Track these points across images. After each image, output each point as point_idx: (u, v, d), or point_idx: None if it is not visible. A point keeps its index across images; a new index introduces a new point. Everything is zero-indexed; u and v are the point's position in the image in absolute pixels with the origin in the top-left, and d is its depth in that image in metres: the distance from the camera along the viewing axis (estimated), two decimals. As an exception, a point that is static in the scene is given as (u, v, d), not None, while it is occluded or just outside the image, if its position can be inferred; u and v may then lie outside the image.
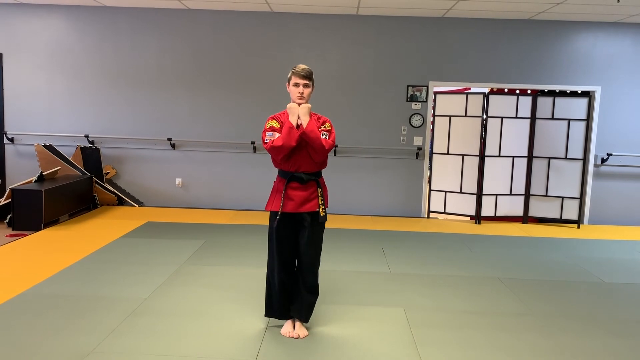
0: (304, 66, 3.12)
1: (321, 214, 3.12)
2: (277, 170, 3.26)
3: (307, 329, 3.27)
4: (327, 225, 3.33)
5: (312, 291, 3.24)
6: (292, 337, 3.17)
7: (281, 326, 3.30)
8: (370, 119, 6.97)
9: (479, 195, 6.79)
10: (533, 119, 6.75)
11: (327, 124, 3.18)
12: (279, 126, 3.10)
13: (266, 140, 3.07)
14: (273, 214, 3.17)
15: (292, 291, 3.26)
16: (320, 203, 3.12)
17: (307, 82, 3.10)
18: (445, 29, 6.82)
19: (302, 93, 3.10)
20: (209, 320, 3.39)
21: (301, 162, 3.11)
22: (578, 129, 6.65)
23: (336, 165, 6.97)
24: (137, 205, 7.11)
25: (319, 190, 3.14)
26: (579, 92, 6.84)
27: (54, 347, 2.95)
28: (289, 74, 3.14)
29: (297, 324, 3.24)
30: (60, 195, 6.06)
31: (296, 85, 3.11)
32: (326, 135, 3.12)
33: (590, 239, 6.10)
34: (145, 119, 7.02)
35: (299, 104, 3.11)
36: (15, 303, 3.59)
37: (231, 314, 3.52)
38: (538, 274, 4.68)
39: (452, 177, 6.95)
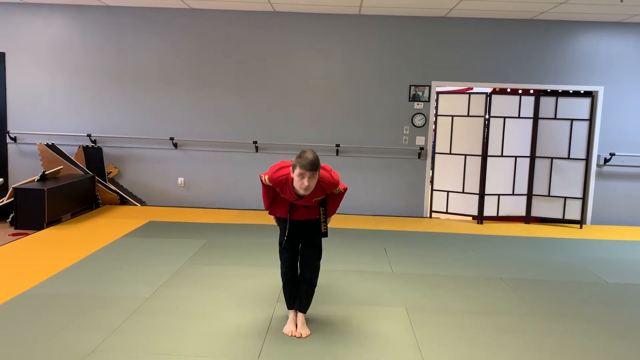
0: (311, 158, 2.83)
1: (322, 230, 3.23)
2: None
3: (307, 320, 3.32)
4: (330, 225, 3.39)
5: (310, 284, 3.30)
6: (295, 336, 3.17)
7: (284, 325, 3.30)
8: (372, 119, 6.97)
9: (482, 195, 6.78)
10: (536, 118, 6.74)
11: (338, 188, 3.14)
12: (271, 186, 3.13)
13: (262, 177, 3.14)
14: (279, 219, 3.31)
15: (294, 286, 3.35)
16: (322, 221, 3.21)
17: (313, 172, 2.86)
18: (448, 28, 6.81)
19: (308, 186, 2.87)
20: (211, 320, 3.39)
21: (300, 215, 3.22)
22: (581, 129, 6.64)
23: (338, 165, 6.96)
24: (139, 205, 7.12)
25: (321, 209, 3.22)
26: (582, 92, 6.82)
27: (56, 346, 2.95)
28: (294, 162, 2.88)
29: (300, 323, 3.26)
30: (63, 195, 6.06)
31: (301, 176, 2.85)
32: (339, 194, 3.22)
33: (593, 239, 6.09)
34: (148, 119, 7.02)
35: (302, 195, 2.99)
36: (18, 302, 3.59)
37: (233, 313, 3.52)
38: (540, 274, 4.67)
39: (454, 177, 6.94)
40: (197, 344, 3.04)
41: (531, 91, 6.95)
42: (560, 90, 6.83)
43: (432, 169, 7.11)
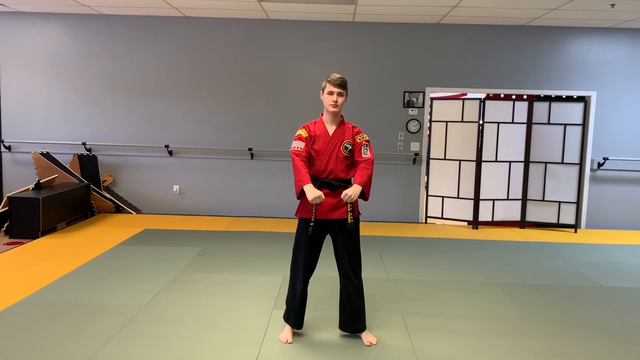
0: (338, 75, 3.14)
1: (349, 221, 3.08)
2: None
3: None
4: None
5: (356, 296, 3.20)
6: (291, 343, 3.18)
7: (280, 332, 3.30)
8: (367, 125, 6.93)
9: (476, 200, 6.80)
10: (529, 124, 6.78)
11: (363, 135, 3.22)
12: (306, 135, 3.15)
13: (292, 147, 3.15)
14: (301, 221, 3.18)
15: (304, 302, 3.27)
16: (348, 210, 3.09)
17: (341, 90, 3.12)
18: (441, 35, 6.86)
19: (336, 101, 3.12)
20: (207, 328, 3.39)
21: (332, 169, 3.12)
22: (574, 133, 6.68)
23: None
24: (134, 213, 7.10)
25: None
26: (575, 97, 6.87)
27: (51, 355, 2.94)
28: (324, 83, 3.16)
29: (365, 331, 3.27)
30: (58, 203, 6.04)
31: (330, 93, 3.12)
32: (366, 147, 3.18)
33: (588, 244, 6.11)
34: (143, 126, 7.02)
35: (333, 112, 3.15)
36: (12, 311, 3.58)
37: (229, 321, 3.51)
38: (536, 278, 4.69)
39: (449, 183, 6.97)
40: (193, 352, 3.03)
41: (524, 96, 6.99)
42: (553, 96, 6.88)
43: (427, 174, 7.13)
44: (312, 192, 2.94)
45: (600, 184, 6.98)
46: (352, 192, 2.98)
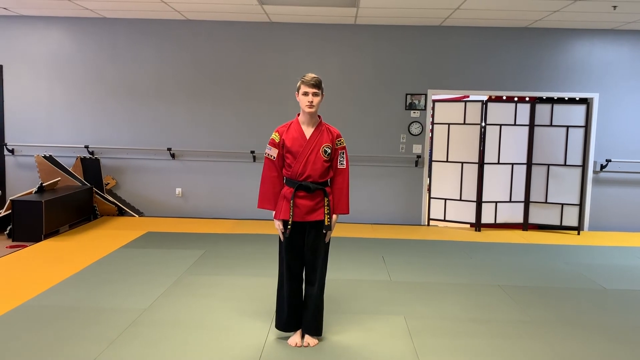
0: (312, 75, 3.10)
1: (325, 223, 3.11)
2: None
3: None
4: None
5: (318, 304, 3.20)
6: (300, 346, 3.17)
7: (284, 337, 3.29)
8: (369, 128, 6.99)
9: (479, 202, 6.79)
10: (532, 126, 6.77)
11: (341, 139, 3.26)
12: (278, 140, 3.14)
13: (265, 152, 3.21)
14: (282, 223, 3.17)
15: (300, 304, 3.24)
16: (325, 212, 3.11)
17: (316, 90, 3.08)
18: (443, 37, 6.86)
19: (312, 102, 3.08)
20: (209, 330, 3.39)
21: (310, 172, 3.11)
22: (577, 135, 6.67)
23: (336, 173, 6.97)
24: (137, 216, 7.11)
25: (326, 199, 3.13)
26: (577, 99, 6.86)
27: (53, 358, 2.94)
28: (298, 83, 3.11)
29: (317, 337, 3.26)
30: (61, 206, 6.06)
31: (305, 94, 3.08)
32: (343, 155, 3.22)
33: (591, 246, 6.10)
34: (145, 129, 7.04)
35: (309, 113, 3.11)
36: (15, 314, 3.58)
37: (231, 323, 3.51)
38: (538, 281, 4.67)
39: (451, 185, 6.96)
40: (195, 355, 3.03)
41: (527, 98, 6.98)
42: (555, 98, 6.87)
43: (430, 176, 7.13)
44: (278, 226, 3.18)
45: (603, 185, 6.97)
46: (332, 228, 3.18)
